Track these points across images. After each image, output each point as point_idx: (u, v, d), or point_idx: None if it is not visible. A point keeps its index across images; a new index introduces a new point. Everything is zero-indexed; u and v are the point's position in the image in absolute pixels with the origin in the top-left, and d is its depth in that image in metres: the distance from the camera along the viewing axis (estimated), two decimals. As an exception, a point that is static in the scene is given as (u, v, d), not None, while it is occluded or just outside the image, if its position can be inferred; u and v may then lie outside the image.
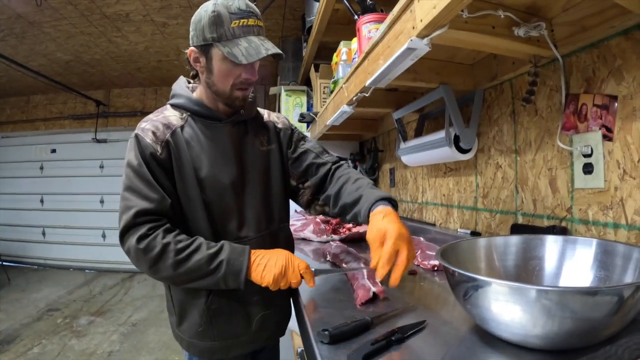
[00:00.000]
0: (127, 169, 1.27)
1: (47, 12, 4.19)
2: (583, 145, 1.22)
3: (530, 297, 0.70)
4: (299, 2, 4.03)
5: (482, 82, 1.68)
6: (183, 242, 1.21)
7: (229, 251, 1.23)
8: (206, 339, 1.35)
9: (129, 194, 1.24)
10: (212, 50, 1.27)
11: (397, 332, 0.89)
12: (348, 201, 1.37)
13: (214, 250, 1.22)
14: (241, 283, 1.21)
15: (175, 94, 1.42)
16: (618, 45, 1.12)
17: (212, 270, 1.20)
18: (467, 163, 1.92)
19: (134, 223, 1.20)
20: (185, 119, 1.36)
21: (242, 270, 1.20)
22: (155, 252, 1.18)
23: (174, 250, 1.18)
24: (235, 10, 1.24)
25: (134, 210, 1.20)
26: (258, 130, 1.50)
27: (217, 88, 1.32)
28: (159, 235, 1.19)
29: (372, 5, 1.70)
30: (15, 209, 7.73)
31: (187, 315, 1.37)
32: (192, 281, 1.23)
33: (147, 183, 1.24)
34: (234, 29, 1.23)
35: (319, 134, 3.09)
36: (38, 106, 7.61)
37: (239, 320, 1.37)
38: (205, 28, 1.24)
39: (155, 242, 1.18)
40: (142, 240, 1.18)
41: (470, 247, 1.11)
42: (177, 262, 1.18)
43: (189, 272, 1.20)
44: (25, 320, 4.75)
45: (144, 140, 1.27)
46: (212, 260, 1.20)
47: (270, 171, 1.49)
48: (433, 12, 0.94)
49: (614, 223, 1.15)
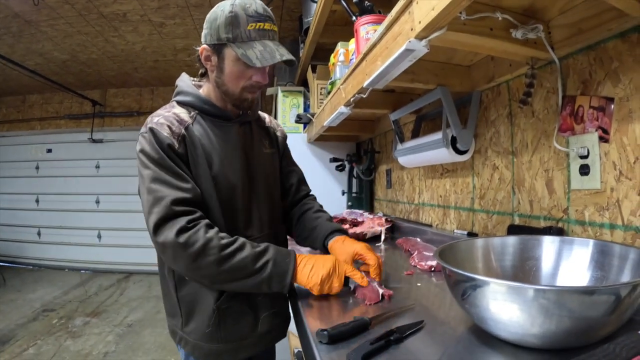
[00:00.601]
0: (147, 162, 1.23)
1: (44, 11, 4.19)
2: (579, 146, 1.23)
3: (528, 296, 0.70)
4: (296, 3, 4.03)
5: (479, 84, 1.69)
6: (227, 239, 1.18)
7: (275, 252, 1.22)
8: (213, 342, 1.33)
9: (156, 185, 1.19)
10: (226, 51, 1.26)
11: (396, 332, 0.90)
12: (307, 227, 1.56)
13: (260, 250, 1.20)
14: (286, 285, 1.20)
15: (181, 91, 1.40)
16: (615, 47, 1.13)
17: (257, 269, 1.17)
18: (464, 164, 1.92)
19: (170, 214, 1.15)
20: (194, 117, 1.35)
21: (289, 271, 1.19)
22: (198, 247, 1.13)
23: (218, 246, 1.15)
24: (253, 13, 1.24)
25: (168, 199, 1.16)
26: (261, 132, 1.52)
27: (227, 88, 1.32)
28: (201, 229, 1.15)
29: (370, 6, 1.70)
30: (10, 209, 7.70)
31: (195, 317, 1.33)
32: (233, 281, 1.19)
33: (175, 174, 1.21)
34: (250, 31, 1.23)
35: (315, 134, 3.09)
36: (34, 105, 7.59)
37: (247, 322, 1.36)
38: (220, 27, 1.24)
39: (197, 236, 1.14)
40: (182, 233, 1.13)
41: (467, 248, 1.12)
42: (222, 259, 1.15)
43: (232, 270, 1.16)
44: (20, 321, 4.73)
45: (160, 134, 1.24)
46: (258, 260, 1.18)
47: (273, 173, 1.52)
48: (431, 13, 0.94)
49: (610, 224, 1.15)
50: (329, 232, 1.47)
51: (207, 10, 1.26)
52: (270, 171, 1.51)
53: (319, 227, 1.51)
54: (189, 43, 4.99)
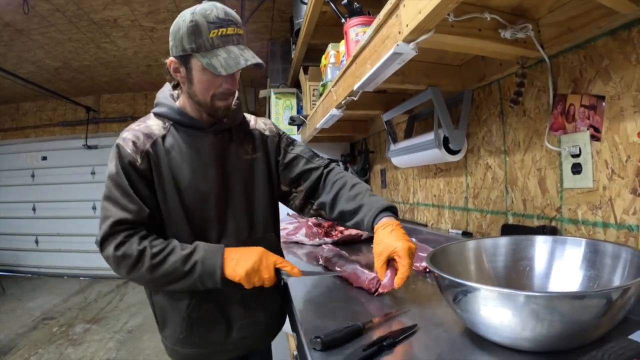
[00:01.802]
0: (107, 179, 1.29)
1: (35, 19, 4.17)
2: (571, 145, 1.23)
3: (519, 302, 0.70)
4: (287, 4, 4.02)
5: (470, 83, 1.69)
6: (158, 246, 1.22)
7: (204, 251, 1.24)
8: (188, 346, 1.36)
9: (107, 203, 1.26)
10: (192, 61, 1.25)
11: (389, 337, 0.90)
12: (347, 209, 1.38)
13: (189, 251, 1.23)
14: (217, 282, 1.21)
15: (158, 102, 1.41)
16: (605, 45, 1.13)
17: (187, 271, 1.21)
18: (457, 164, 1.92)
19: (111, 232, 1.22)
20: (168, 128, 1.36)
21: (217, 268, 1.21)
22: (133, 259, 1.20)
23: (150, 254, 1.20)
24: (214, 20, 1.21)
25: (111, 220, 1.22)
26: (243, 138, 1.48)
27: (199, 99, 1.31)
28: (134, 242, 1.21)
29: (359, 8, 1.70)
30: (7, 218, 7.66)
31: (168, 322, 1.37)
32: (170, 284, 1.24)
33: (125, 193, 1.25)
34: (213, 39, 1.21)
35: (309, 136, 3.09)
36: (28, 113, 7.56)
37: (220, 329, 1.37)
38: (183, 38, 1.22)
39: (131, 249, 1.20)
40: (119, 247, 1.21)
41: (459, 250, 1.12)
42: (153, 266, 1.20)
43: (165, 274, 1.21)
44: (20, 330, 4.71)
45: (124, 150, 1.28)
46: (187, 261, 1.21)
47: (254, 180, 1.47)
48: (419, 17, 0.94)
49: (603, 222, 1.15)
50: (378, 212, 1.29)
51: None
52: (250, 178, 1.46)
53: (364, 208, 1.34)
54: (181, 47, 4.87)
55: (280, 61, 4.25)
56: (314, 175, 1.51)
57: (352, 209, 1.37)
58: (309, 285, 1.47)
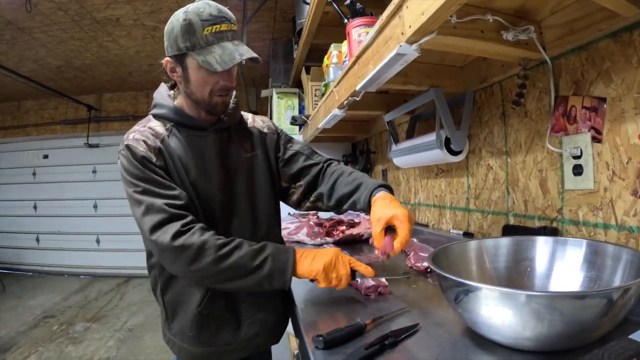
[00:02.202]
0: (130, 179, 1.24)
1: (37, 18, 4.18)
2: (572, 147, 1.23)
3: (520, 301, 0.71)
4: (289, 4, 4.03)
5: (472, 84, 1.69)
6: (223, 239, 1.19)
7: (274, 247, 1.21)
8: (197, 345, 1.35)
9: (144, 197, 1.21)
10: (187, 60, 1.26)
11: (391, 336, 0.91)
12: (345, 191, 1.42)
13: (258, 247, 1.20)
14: (287, 280, 1.19)
15: (156, 103, 1.40)
16: (606, 47, 1.13)
17: (256, 266, 1.17)
18: (459, 164, 1.93)
19: (165, 218, 1.18)
20: (169, 129, 1.35)
21: (289, 265, 1.18)
22: (195, 249, 1.15)
23: (215, 246, 1.16)
24: (207, 17, 1.22)
25: (160, 204, 1.19)
26: (241, 137, 1.49)
27: (197, 97, 1.32)
28: (196, 232, 1.17)
29: (362, 8, 1.70)
30: (8, 216, 7.67)
31: (178, 320, 1.36)
32: (233, 279, 1.19)
33: (159, 183, 1.23)
34: (207, 36, 1.22)
35: (311, 136, 3.10)
36: (29, 112, 7.56)
37: (229, 327, 1.37)
38: (178, 37, 1.23)
39: (192, 238, 1.15)
40: (178, 237, 1.15)
41: (461, 250, 1.13)
42: (219, 258, 1.15)
43: (231, 268, 1.16)
44: (21, 328, 4.72)
45: (137, 149, 1.25)
46: (257, 256, 1.18)
47: (255, 178, 1.48)
48: (421, 18, 0.94)
49: (604, 223, 1.16)
50: (374, 188, 1.34)
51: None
52: (252, 176, 1.48)
53: (361, 188, 1.39)
54: (183, 46, 4.87)
55: (282, 61, 4.25)
56: (314, 170, 1.54)
57: (349, 190, 1.41)
58: (311, 285, 1.47)
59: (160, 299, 1.40)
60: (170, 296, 1.37)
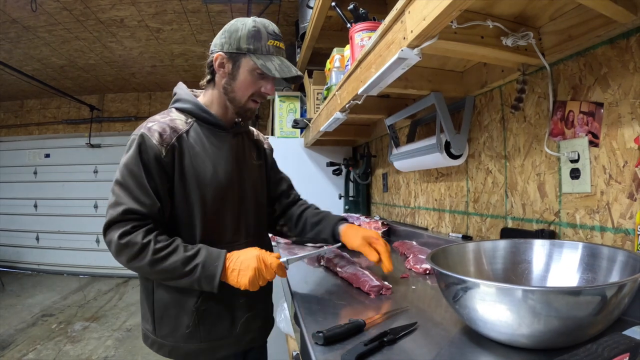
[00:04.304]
0: (123, 166, 1.30)
1: (42, 17, 4.21)
2: (570, 151, 1.25)
3: (516, 297, 0.72)
4: (292, 8, 4.06)
5: (472, 89, 1.71)
6: (162, 243, 1.25)
7: (205, 255, 1.26)
8: (193, 341, 1.37)
9: (120, 190, 1.28)
10: (243, 60, 1.36)
11: (390, 333, 0.92)
12: (311, 222, 1.64)
13: (191, 253, 1.26)
14: (215, 287, 1.25)
15: (180, 98, 1.46)
16: (604, 53, 1.15)
17: (187, 272, 1.24)
18: (458, 168, 1.95)
19: (120, 219, 1.25)
20: (191, 124, 1.41)
21: (217, 275, 1.25)
22: (135, 250, 1.22)
23: (153, 249, 1.22)
24: (272, 32, 1.38)
25: (122, 208, 1.25)
26: (250, 144, 1.59)
27: (235, 95, 1.40)
28: (140, 233, 1.24)
29: (365, 13, 1.72)
30: (8, 214, 7.69)
31: (171, 319, 1.38)
32: (169, 280, 1.29)
33: (141, 186, 1.27)
34: (270, 46, 1.36)
35: (312, 139, 3.11)
36: (32, 111, 7.60)
37: (225, 322, 1.41)
38: (242, 38, 1.35)
39: (136, 239, 1.22)
40: (124, 236, 1.23)
41: (459, 252, 1.14)
42: (154, 261, 1.23)
43: (165, 271, 1.24)
44: (20, 326, 4.73)
45: (149, 140, 1.30)
46: (188, 263, 1.24)
47: (260, 184, 1.59)
48: (423, 23, 0.96)
49: (600, 226, 1.17)
50: (338, 220, 1.60)
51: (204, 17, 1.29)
52: (259, 181, 1.59)
53: (326, 219, 1.63)
54: (186, 48, 5.03)
55: (285, 64, 4.25)
56: (290, 199, 1.74)
57: (314, 221, 1.64)
58: (312, 284, 1.50)
59: (150, 300, 1.42)
60: (160, 297, 1.39)
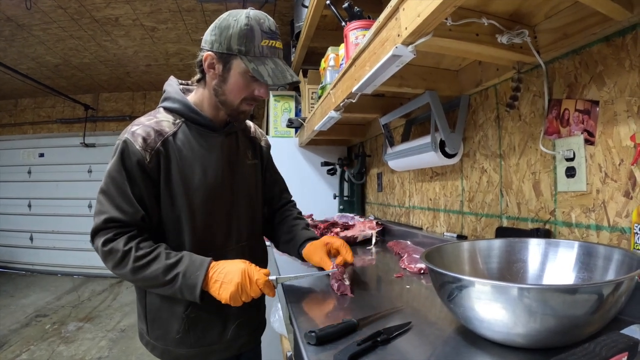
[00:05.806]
0: (107, 173, 1.27)
1: (37, 15, 4.18)
2: (565, 149, 1.25)
3: (512, 295, 0.71)
4: (287, 7, 4.05)
5: (467, 88, 1.71)
6: (143, 250, 1.21)
7: (187, 264, 1.21)
8: (183, 346, 1.34)
9: (104, 198, 1.25)
10: (234, 61, 1.26)
11: (383, 333, 0.91)
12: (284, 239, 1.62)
13: (172, 262, 1.21)
14: (197, 297, 1.19)
15: (169, 97, 1.38)
16: (599, 51, 1.15)
17: (167, 281, 1.20)
18: (453, 167, 1.94)
19: (103, 227, 1.23)
20: (179, 124, 1.34)
21: (198, 285, 1.18)
22: (117, 257, 1.20)
23: (133, 257, 1.19)
24: (267, 30, 1.25)
25: (104, 217, 1.23)
26: (246, 143, 1.52)
27: (226, 98, 1.31)
28: (122, 241, 1.21)
29: (360, 12, 1.72)
30: (2, 214, 7.64)
31: (162, 323, 1.35)
32: (152, 287, 1.27)
33: (123, 194, 1.24)
34: (263, 47, 1.24)
35: (307, 139, 3.11)
36: (26, 110, 7.56)
37: (216, 329, 1.37)
38: (232, 38, 1.23)
39: (117, 247, 1.20)
40: (107, 243, 1.21)
41: (454, 251, 1.13)
42: (135, 269, 1.20)
43: (146, 279, 1.21)
44: (13, 326, 4.70)
45: (132, 146, 1.24)
46: (169, 272, 1.19)
47: (255, 185, 1.53)
48: (417, 20, 0.96)
49: (596, 225, 1.17)
50: (302, 242, 1.54)
51: (199, 15, 1.26)
52: (253, 182, 1.51)
53: (296, 236, 1.58)
54: (181, 47, 5.01)
55: (280, 64, 4.24)
56: (279, 204, 1.70)
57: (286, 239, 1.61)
58: (305, 283, 1.48)
59: (143, 302, 1.39)
60: (154, 300, 1.36)
